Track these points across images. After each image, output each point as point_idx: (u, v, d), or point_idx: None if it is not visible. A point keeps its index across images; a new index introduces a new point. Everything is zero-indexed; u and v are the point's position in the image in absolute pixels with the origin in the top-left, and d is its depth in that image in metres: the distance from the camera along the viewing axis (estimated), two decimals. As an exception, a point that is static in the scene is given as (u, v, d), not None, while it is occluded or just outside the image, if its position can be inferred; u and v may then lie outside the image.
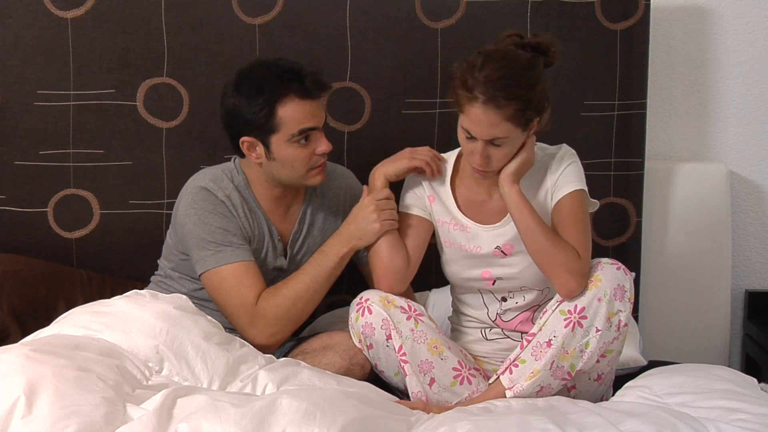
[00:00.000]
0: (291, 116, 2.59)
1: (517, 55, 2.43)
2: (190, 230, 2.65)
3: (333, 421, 2.06)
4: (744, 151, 3.34)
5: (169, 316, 2.40)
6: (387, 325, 2.50)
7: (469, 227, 2.59)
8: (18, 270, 2.85)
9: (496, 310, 2.62)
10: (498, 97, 2.36)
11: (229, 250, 2.62)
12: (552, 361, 2.44)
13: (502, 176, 2.48)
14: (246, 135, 2.63)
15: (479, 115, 2.38)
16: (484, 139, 2.41)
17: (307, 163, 2.64)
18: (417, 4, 3.01)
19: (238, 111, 2.62)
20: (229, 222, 2.65)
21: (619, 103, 3.07)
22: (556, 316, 2.46)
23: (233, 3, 2.99)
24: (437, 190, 2.62)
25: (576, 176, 2.53)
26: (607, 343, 2.46)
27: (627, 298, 2.45)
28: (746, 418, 2.17)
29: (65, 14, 2.95)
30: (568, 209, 2.51)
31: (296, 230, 2.77)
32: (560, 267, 2.44)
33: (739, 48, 3.28)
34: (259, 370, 2.39)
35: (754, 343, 3.29)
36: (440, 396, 2.51)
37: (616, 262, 2.49)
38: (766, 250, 3.39)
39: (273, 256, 2.74)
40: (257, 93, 2.59)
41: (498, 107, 2.37)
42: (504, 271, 2.58)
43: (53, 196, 3.00)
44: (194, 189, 2.68)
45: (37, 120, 2.97)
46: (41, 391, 2.03)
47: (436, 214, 2.62)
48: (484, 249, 2.57)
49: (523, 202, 2.47)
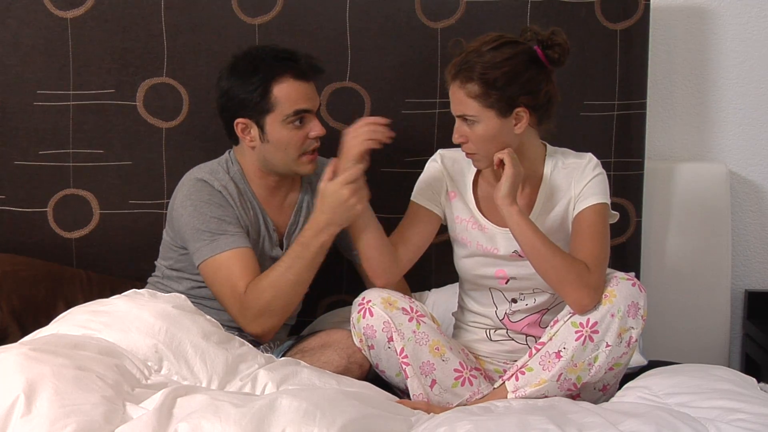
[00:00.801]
0: (286, 96, 2.61)
1: (513, 44, 2.46)
2: (186, 222, 2.67)
3: (333, 420, 2.06)
4: (744, 151, 3.34)
5: (168, 315, 2.40)
6: (388, 328, 2.49)
7: (487, 228, 2.58)
8: (18, 270, 2.85)
9: (505, 310, 2.62)
10: (460, 75, 2.45)
11: (223, 238, 2.63)
12: (560, 374, 2.44)
13: (499, 201, 2.46)
14: (241, 116, 2.65)
15: (452, 92, 2.49)
16: (455, 114, 2.49)
17: (300, 147, 2.65)
18: (417, 4, 3.01)
19: (233, 92, 2.64)
20: (225, 211, 2.65)
21: (618, 103, 3.07)
22: (568, 328, 2.45)
23: (233, 3, 2.99)
24: (459, 185, 2.63)
25: (601, 189, 2.53)
26: (616, 357, 2.46)
27: (640, 315, 2.44)
28: (746, 418, 2.17)
29: (65, 14, 2.95)
30: (588, 222, 2.51)
31: (292, 221, 2.77)
32: (570, 284, 2.43)
33: (739, 48, 3.28)
34: (258, 370, 2.39)
35: (753, 343, 3.29)
36: (441, 397, 2.50)
37: (632, 278, 2.48)
38: (766, 250, 3.39)
39: (269, 247, 2.74)
40: (252, 73, 2.62)
41: (461, 85, 2.45)
42: (518, 271, 2.57)
43: (53, 196, 3.00)
44: (190, 181, 2.70)
45: (36, 120, 2.97)
46: (40, 390, 2.03)
47: (456, 210, 2.62)
48: (502, 251, 2.57)
49: (525, 222, 2.45)
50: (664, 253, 3.21)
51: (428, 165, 2.67)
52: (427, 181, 2.64)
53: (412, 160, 3.03)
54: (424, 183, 2.65)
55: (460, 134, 2.50)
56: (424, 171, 2.66)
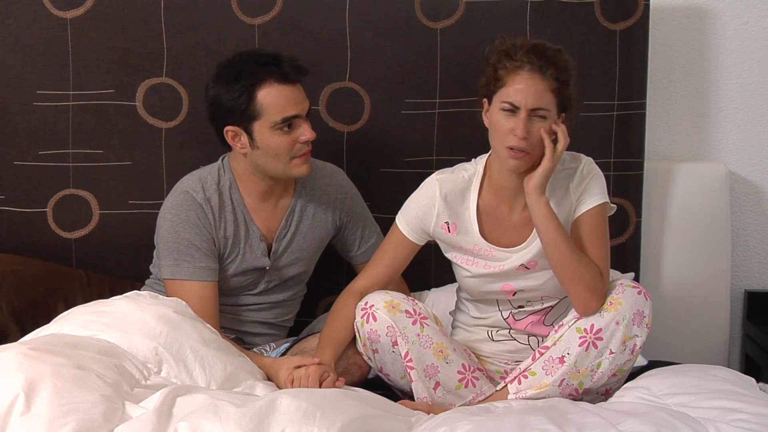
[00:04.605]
0: (272, 102, 2.60)
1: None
2: (161, 235, 2.70)
3: (332, 420, 2.06)
4: (744, 151, 3.34)
5: (170, 319, 2.41)
6: (392, 332, 2.49)
7: (494, 253, 2.55)
8: (17, 270, 2.85)
9: (510, 312, 2.61)
10: (543, 67, 2.38)
11: (186, 265, 2.65)
12: (562, 379, 2.44)
13: (529, 188, 2.44)
14: (229, 124, 2.64)
15: (526, 80, 2.39)
16: (529, 108, 2.40)
17: (289, 151, 2.63)
18: (417, 4, 3.01)
19: (219, 100, 2.64)
20: (199, 232, 2.66)
21: (618, 103, 3.07)
22: (572, 333, 2.45)
23: (233, 3, 2.99)
24: (461, 215, 2.55)
25: (599, 189, 2.52)
26: (619, 364, 2.46)
27: (645, 323, 2.44)
28: (745, 418, 2.16)
29: (64, 14, 2.95)
30: (590, 225, 2.50)
31: (283, 226, 2.76)
32: (582, 284, 2.42)
33: (738, 48, 3.28)
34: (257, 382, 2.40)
35: (753, 343, 3.29)
36: (444, 399, 2.50)
37: (638, 285, 2.48)
38: (766, 250, 3.39)
39: (252, 257, 2.74)
40: (235, 79, 2.61)
41: (543, 76, 2.39)
42: (526, 284, 2.56)
43: (53, 197, 3.00)
44: (175, 193, 2.72)
45: (36, 120, 2.97)
46: (40, 388, 2.03)
47: (458, 242, 2.56)
48: (507, 266, 2.54)
49: (550, 215, 2.44)
50: (664, 254, 3.21)
51: (424, 190, 2.58)
52: (417, 212, 2.57)
53: (411, 160, 3.03)
54: (413, 212, 2.58)
55: (527, 129, 2.41)
56: (418, 195, 2.59)
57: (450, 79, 3.02)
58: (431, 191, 2.56)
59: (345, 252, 2.89)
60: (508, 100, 2.41)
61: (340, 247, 2.89)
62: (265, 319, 2.82)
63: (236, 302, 2.78)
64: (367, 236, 2.86)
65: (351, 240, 2.86)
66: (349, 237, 2.86)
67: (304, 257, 2.80)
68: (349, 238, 2.86)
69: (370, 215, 2.90)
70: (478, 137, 2.59)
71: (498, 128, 2.44)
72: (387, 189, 3.00)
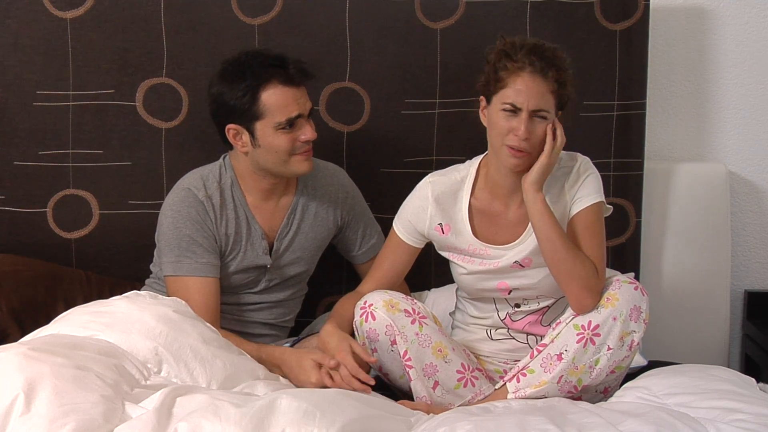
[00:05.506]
0: (275, 103, 2.60)
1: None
2: (162, 231, 2.70)
3: (332, 421, 2.06)
4: (744, 151, 3.33)
5: (170, 319, 2.41)
6: (391, 331, 2.49)
7: (488, 251, 2.56)
8: (17, 270, 2.85)
9: (507, 311, 2.62)
10: (544, 68, 2.39)
11: (188, 261, 2.65)
12: (561, 376, 2.44)
13: (526, 185, 2.45)
14: (231, 122, 2.64)
15: (527, 82, 2.40)
16: (531, 108, 2.40)
17: (290, 149, 2.63)
18: (417, 5, 3.01)
19: (222, 98, 2.64)
20: (200, 228, 2.67)
21: (618, 103, 3.07)
22: (569, 330, 2.45)
23: (233, 3, 2.99)
24: (453, 216, 2.57)
25: (594, 188, 2.53)
26: (618, 361, 2.46)
27: (642, 319, 2.44)
28: (745, 419, 2.17)
29: (64, 14, 2.95)
30: (585, 223, 2.50)
31: (284, 224, 2.77)
32: (578, 281, 2.43)
33: (738, 48, 3.28)
34: (257, 381, 2.40)
35: (753, 343, 3.29)
36: (444, 399, 2.50)
37: (634, 281, 2.48)
38: (766, 250, 3.39)
39: (253, 256, 2.74)
40: (240, 79, 2.61)
41: (545, 77, 2.39)
42: (521, 282, 2.56)
43: (52, 197, 3.00)
44: (177, 189, 2.72)
45: (36, 120, 2.97)
46: (40, 389, 2.03)
47: (451, 242, 2.57)
48: (502, 263, 2.55)
49: (547, 211, 2.44)
50: (664, 254, 3.21)
51: (416, 193, 2.61)
52: (411, 215, 2.60)
53: (411, 160, 3.03)
54: (407, 215, 2.61)
55: (529, 129, 2.42)
56: (411, 198, 2.62)
57: (450, 79, 3.02)
58: (423, 194, 2.59)
59: (346, 252, 2.90)
60: (509, 101, 2.41)
61: (341, 247, 2.89)
62: (266, 320, 2.82)
63: (238, 301, 2.78)
64: (368, 236, 2.87)
65: (352, 240, 2.86)
66: (351, 236, 2.86)
67: (305, 256, 2.80)
68: (351, 238, 2.86)
69: (371, 215, 2.90)
70: (478, 137, 2.59)
71: (498, 127, 2.45)
72: (387, 189, 3.00)
